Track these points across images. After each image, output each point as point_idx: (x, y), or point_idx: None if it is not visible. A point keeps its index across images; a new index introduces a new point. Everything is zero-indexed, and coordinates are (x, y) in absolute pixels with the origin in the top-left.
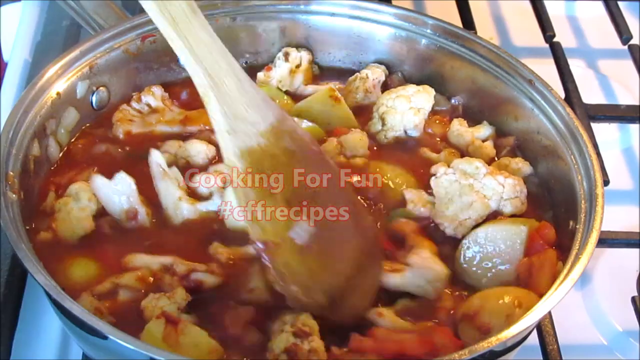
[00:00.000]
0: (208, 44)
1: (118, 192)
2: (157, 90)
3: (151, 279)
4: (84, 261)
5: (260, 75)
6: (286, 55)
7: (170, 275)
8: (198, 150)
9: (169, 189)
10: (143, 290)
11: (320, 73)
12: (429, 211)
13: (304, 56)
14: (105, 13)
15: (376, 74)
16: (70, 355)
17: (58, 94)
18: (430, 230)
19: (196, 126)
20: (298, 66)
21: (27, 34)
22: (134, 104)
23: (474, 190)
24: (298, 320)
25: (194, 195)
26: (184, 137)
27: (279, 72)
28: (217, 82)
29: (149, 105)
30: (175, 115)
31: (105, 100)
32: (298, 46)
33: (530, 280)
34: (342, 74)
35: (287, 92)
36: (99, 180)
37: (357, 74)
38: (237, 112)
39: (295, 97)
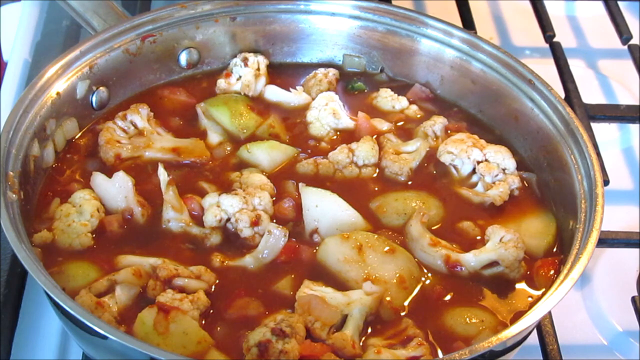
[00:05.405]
0: None
1: (116, 190)
2: (143, 109)
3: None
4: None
5: (221, 82)
6: (245, 60)
7: (153, 279)
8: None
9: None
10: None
11: (276, 72)
12: None
13: (261, 60)
14: (105, 13)
15: (331, 72)
16: (70, 355)
17: (58, 94)
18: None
19: (190, 158)
20: (257, 70)
21: (27, 34)
22: (118, 121)
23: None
24: (285, 320)
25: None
26: (176, 166)
27: (244, 78)
28: None
29: (134, 124)
30: (164, 142)
31: (105, 100)
32: (254, 51)
33: None
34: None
35: (250, 98)
36: (99, 178)
37: (315, 71)
38: None
39: (258, 101)
